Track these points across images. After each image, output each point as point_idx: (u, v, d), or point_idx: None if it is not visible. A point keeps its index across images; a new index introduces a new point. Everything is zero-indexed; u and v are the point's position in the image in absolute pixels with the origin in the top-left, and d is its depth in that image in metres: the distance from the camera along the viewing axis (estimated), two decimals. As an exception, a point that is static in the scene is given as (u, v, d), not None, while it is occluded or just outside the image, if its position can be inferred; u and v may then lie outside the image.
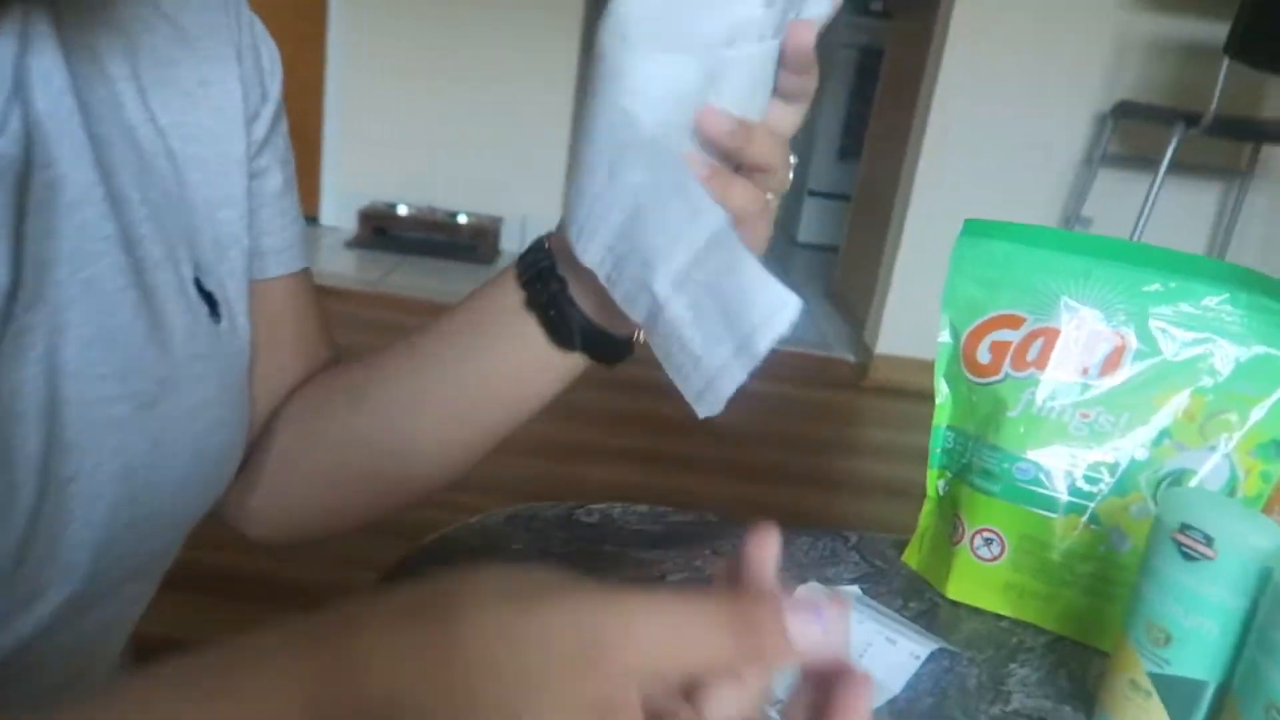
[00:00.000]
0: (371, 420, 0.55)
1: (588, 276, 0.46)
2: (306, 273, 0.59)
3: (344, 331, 0.63)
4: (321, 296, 0.60)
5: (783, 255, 4.70)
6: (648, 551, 0.64)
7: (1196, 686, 0.49)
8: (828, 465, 2.55)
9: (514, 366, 0.52)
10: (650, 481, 2.22)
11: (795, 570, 0.65)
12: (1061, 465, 0.63)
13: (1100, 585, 0.62)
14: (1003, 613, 0.65)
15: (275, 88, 0.55)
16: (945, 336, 0.68)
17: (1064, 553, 0.63)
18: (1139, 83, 2.91)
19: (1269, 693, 0.45)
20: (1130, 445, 0.62)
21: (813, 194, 4.82)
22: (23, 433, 0.40)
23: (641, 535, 0.67)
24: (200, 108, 0.50)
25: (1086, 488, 0.63)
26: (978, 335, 0.66)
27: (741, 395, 0.41)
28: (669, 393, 0.45)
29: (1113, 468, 0.62)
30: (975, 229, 0.67)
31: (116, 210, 0.43)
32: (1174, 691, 0.50)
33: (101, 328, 0.42)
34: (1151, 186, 2.64)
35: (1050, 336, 0.64)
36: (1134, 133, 2.88)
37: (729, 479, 2.33)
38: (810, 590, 0.60)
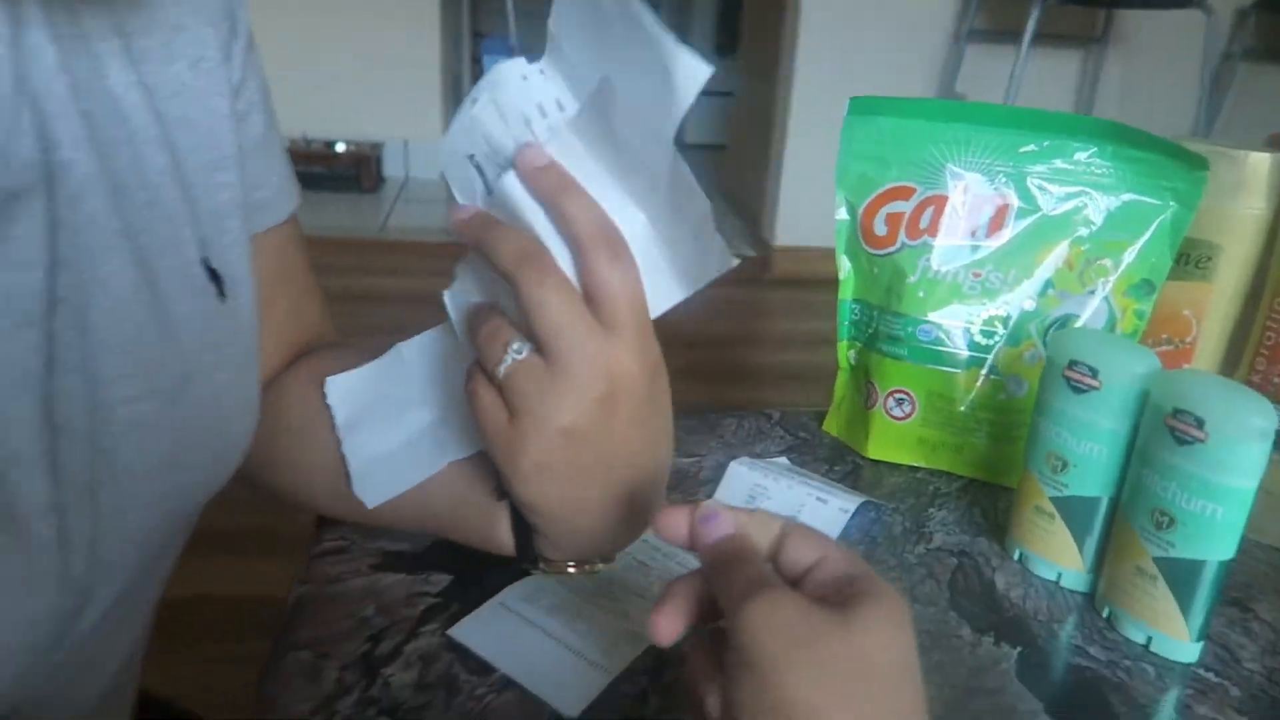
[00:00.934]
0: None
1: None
2: (293, 218, 0.57)
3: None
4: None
5: (670, 158, 4.70)
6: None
7: (1092, 504, 0.55)
8: (741, 359, 2.62)
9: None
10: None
11: (725, 449, 0.69)
12: (959, 324, 0.68)
13: (1003, 430, 0.68)
14: (919, 465, 0.70)
15: (244, 15, 0.50)
16: (843, 214, 0.71)
17: (969, 404, 0.68)
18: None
19: (1152, 500, 0.50)
20: (1019, 298, 0.67)
21: (694, 93, 4.81)
22: (69, 445, 0.39)
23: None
24: (178, 59, 0.46)
25: (984, 341, 0.68)
26: (873, 209, 0.70)
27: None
28: None
29: (1005, 320, 0.67)
30: (861, 107, 0.70)
31: (118, 200, 0.41)
32: (1073, 511, 0.56)
33: (119, 328, 0.41)
34: (1016, 58, 2.72)
35: (939, 204, 0.67)
36: (997, 7, 2.95)
37: (643, 383, 2.37)
38: (741, 463, 0.64)
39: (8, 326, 0.37)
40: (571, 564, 0.47)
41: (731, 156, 3.86)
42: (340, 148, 3.69)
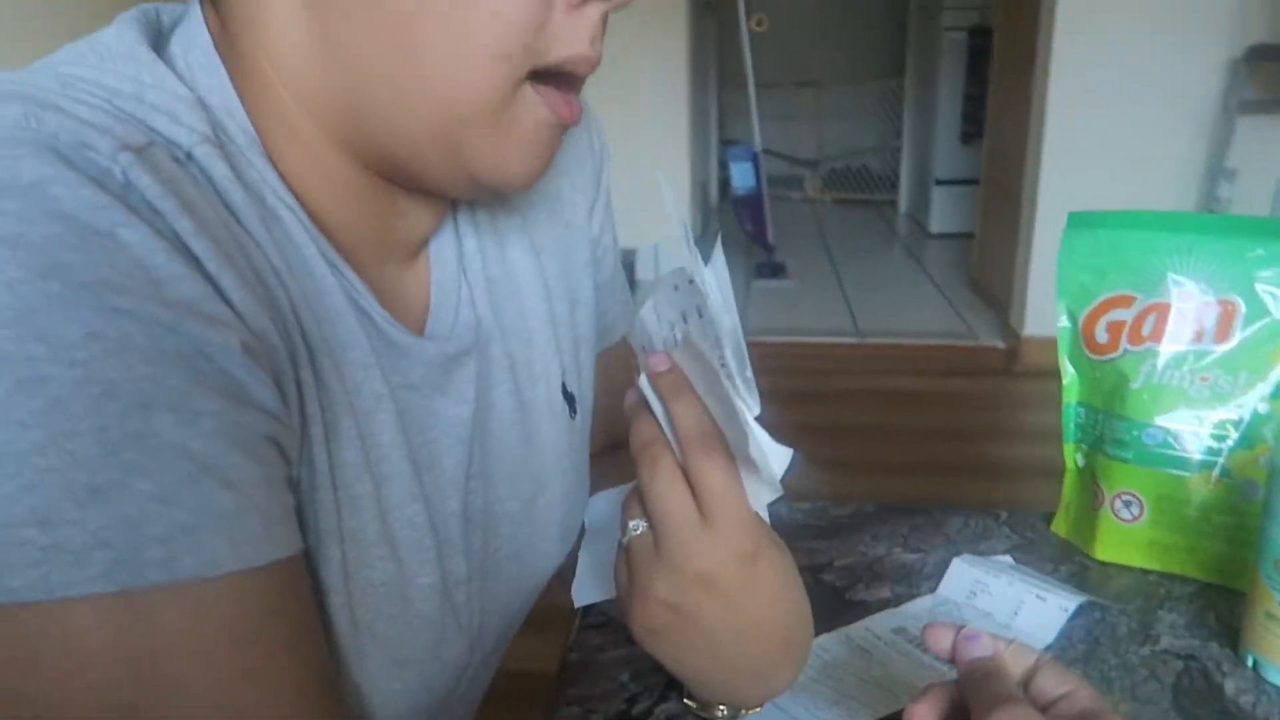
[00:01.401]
0: None
1: None
2: (622, 341, 0.70)
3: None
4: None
5: (918, 248, 4.68)
6: (814, 542, 0.74)
7: (1326, 611, 0.55)
8: (982, 453, 2.55)
9: None
10: (808, 486, 2.29)
11: (950, 546, 0.73)
12: (1188, 427, 0.69)
13: (1238, 533, 0.67)
14: (1149, 567, 0.71)
15: (605, 177, 0.66)
16: (1064, 321, 0.75)
17: (1200, 507, 0.69)
18: (1271, 23, 2.79)
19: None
20: (1251, 401, 0.67)
21: (940, 183, 4.78)
22: (473, 533, 0.52)
23: (807, 529, 0.76)
24: (558, 222, 0.60)
25: (1214, 445, 0.68)
26: (1094, 317, 0.73)
27: (899, 394, 0.50)
28: (827, 401, 0.54)
29: (1237, 424, 0.67)
30: (1079, 221, 0.74)
31: (507, 344, 0.55)
32: (1306, 618, 0.56)
33: (501, 441, 0.55)
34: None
35: (1162, 311, 0.69)
36: (1272, 75, 2.77)
37: (889, 476, 2.37)
38: (963, 560, 0.68)
39: (452, 443, 0.51)
40: (721, 708, 0.53)
41: (979, 245, 3.80)
42: (597, 254, 3.97)
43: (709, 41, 4.99)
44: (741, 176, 3.97)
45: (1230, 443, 0.68)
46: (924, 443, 2.57)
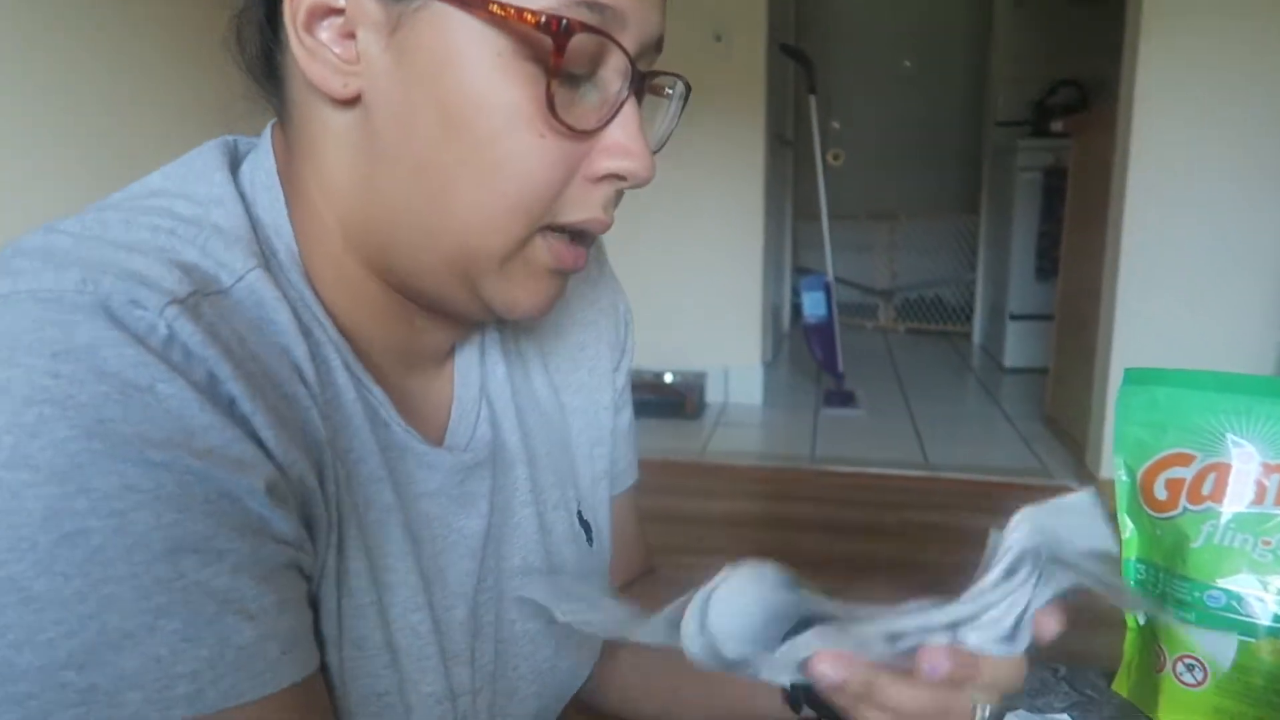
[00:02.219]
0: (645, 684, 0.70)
1: None
2: (634, 487, 0.75)
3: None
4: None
5: (991, 382, 4.63)
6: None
7: (1396, 797, 0.53)
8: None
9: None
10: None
11: (1005, 701, 0.71)
12: (1252, 591, 0.68)
13: (1309, 705, 0.65)
14: (1215, 736, 0.68)
15: (630, 340, 0.73)
16: (1122, 476, 0.75)
17: (1267, 675, 0.67)
18: (1351, 174, 2.78)
19: None
20: (1316, 568, 0.66)
21: (1014, 318, 4.76)
22: (481, 645, 0.55)
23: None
24: (580, 368, 0.67)
25: (1280, 611, 0.67)
26: (1152, 474, 0.73)
27: (972, 531, 0.51)
28: (895, 536, 0.55)
29: (1303, 590, 0.66)
30: (1136, 378, 0.75)
31: (532, 468, 0.60)
32: (1376, 803, 0.53)
33: (524, 561, 0.59)
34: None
35: (1221, 471, 0.69)
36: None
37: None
38: (1019, 717, 0.66)
39: (462, 555, 0.54)
40: None
41: (1054, 382, 3.75)
42: (669, 378, 4.03)
43: (786, 174, 5.13)
44: (813, 305, 4.02)
45: (1296, 610, 0.66)
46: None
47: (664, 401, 3.97)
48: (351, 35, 0.46)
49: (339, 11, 0.46)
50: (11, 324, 0.37)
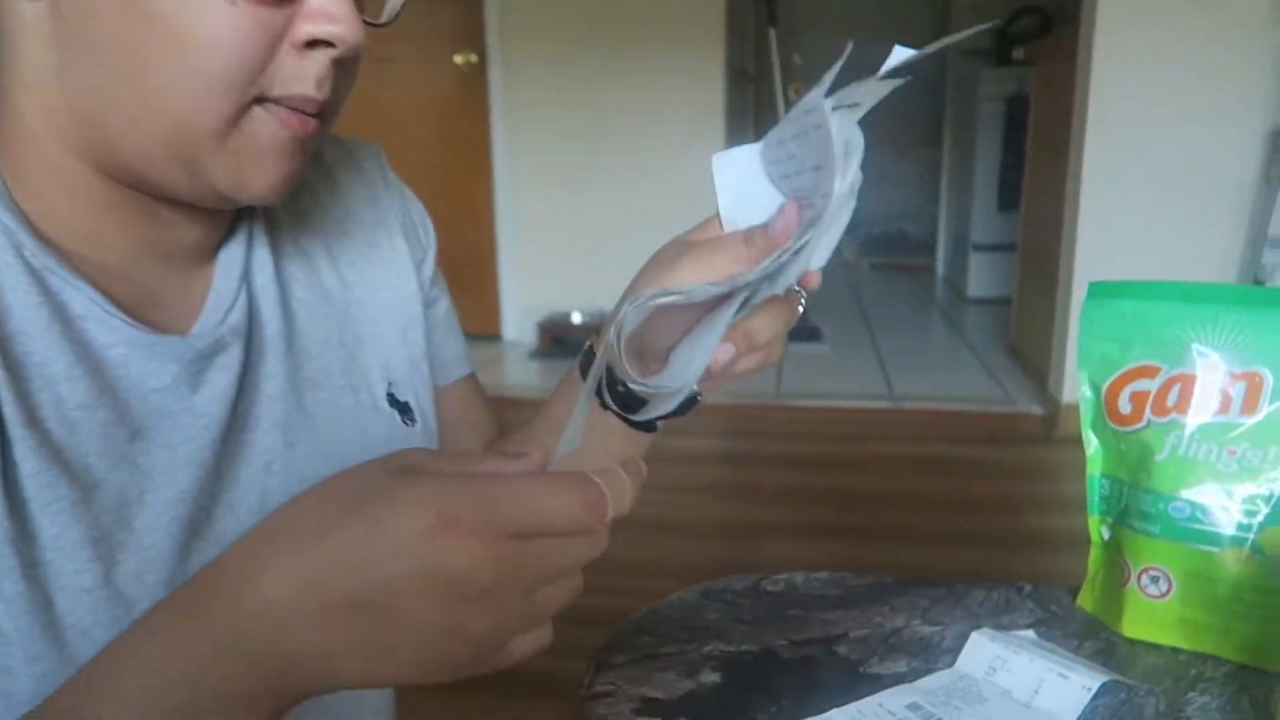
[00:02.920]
0: None
1: (635, 368, 0.57)
2: (473, 376, 0.78)
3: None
4: (510, 406, 0.80)
5: (955, 313, 4.65)
6: (829, 613, 0.72)
7: (1361, 698, 0.52)
8: (1018, 522, 2.50)
9: (602, 453, 0.61)
10: (835, 555, 2.25)
11: (970, 619, 0.71)
12: (1217, 501, 0.67)
13: (1273, 612, 0.65)
14: (1180, 646, 0.68)
15: (430, 238, 0.74)
16: (1086, 391, 0.73)
17: (1232, 585, 0.66)
18: (1309, 94, 2.78)
19: None
20: (1281, 476, 0.65)
21: (977, 248, 4.77)
22: (251, 523, 0.54)
23: (824, 599, 0.74)
24: (376, 263, 0.68)
25: (1245, 520, 0.66)
26: (1117, 388, 0.71)
27: (936, 461, 0.51)
28: (861, 467, 0.54)
29: (1268, 499, 0.65)
30: (1100, 291, 0.73)
31: (302, 355, 0.62)
32: (1340, 704, 0.53)
33: (315, 447, 0.60)
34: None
35: (1186, 382, 0.68)
36: (1312, 145, 2.75)
37: (920, 545, 2.33)
38: (983, 634, 0.66)
39: (200, 441, 0.54)
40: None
41: (1017, 311, 3.77)
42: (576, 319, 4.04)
43: (747, 110, 5.06)
44: (777, 241, 3.99)
45: (1261, 518, 0.66)
46: (957, 511, 2.53)
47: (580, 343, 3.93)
48: None
49: None
50: None
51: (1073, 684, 0.61)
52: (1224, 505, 0.67)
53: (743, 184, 0.54)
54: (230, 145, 0.49)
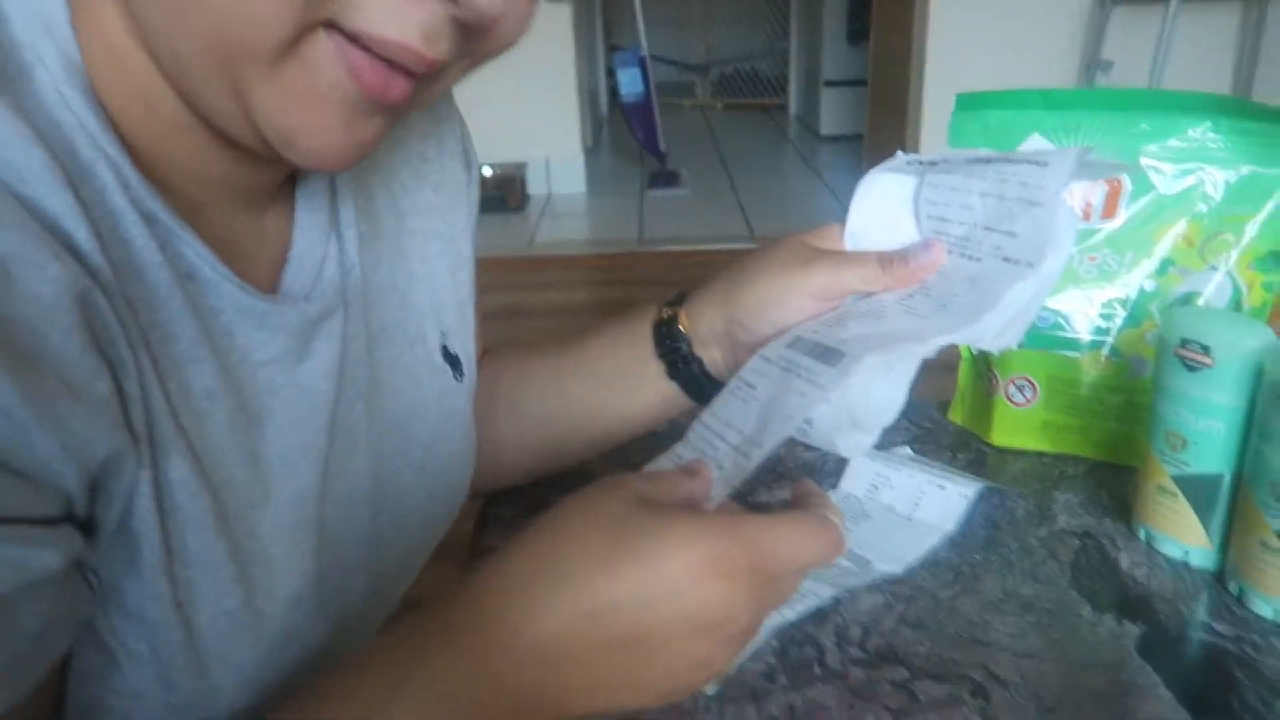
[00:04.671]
0: (521, 426, 0.64)
1: (719, 350, 0.56)
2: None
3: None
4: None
5: (809, 151, 4.68)
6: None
7: (1214, 480, 0.55)
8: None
9: (646, 411, 0.61)
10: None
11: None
12: (1077, 307, 0.68)
13: (1129, 411, 0.68)
14: (1044, 449, 0.71)
15: (474, 154, 0.62)
16: (955, 208, 0.73)
17: (1091, 386, 0.69)
18: (1141, -87, 2.83)
19: (1271, 473, 0.51)
20: (1137, 278, 0.67)
21: (829, 84, 4.77)
22: (358, 514, 0.48)
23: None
24: (425, 184, 0.56)
25: (1103, 324, 0.68)
26: (984, 202, 0.71)
27: None
28: None
29: (1124, 302, 0.67)
30: (966, 103, 0.72)
31: (383, 308, 0.52)
32: (1195, 488, 0.56)
33: (384, 414, 0.51)
34: (1165, 20, 2.59)
35: (1051, 191, 0.68)
36: (1144, -36, 2.81)
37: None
38: (862, 456, 0.66)
39: (312, 425, 0.45)
40: None
41: (869, 146, 3.82)
42: (487, 171, 3.86)
43: None
44: (630, 83, 3.89)
45: (1119, 321, 0.68)
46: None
47: (486, 196, 3.79)
48: None
49: None
50: None
51: (950, 494, 0.63)
52: (1084, 311, 0.68)
53: (881, 208, 0.54)
54: (282, 76, 0.35)
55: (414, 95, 0.38)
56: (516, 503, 0.66)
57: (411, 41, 0.35)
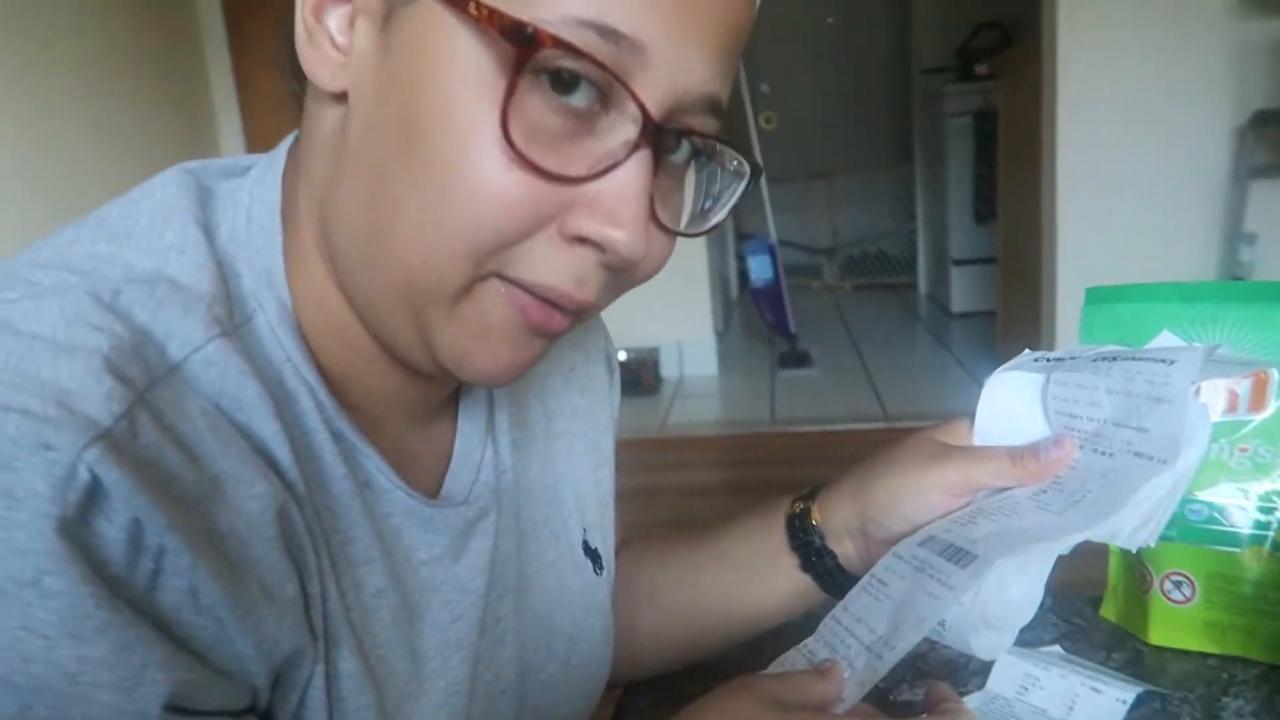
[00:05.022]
0: (659, 617, 0.67)
1: (852, 544, 0.59)
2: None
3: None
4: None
5: (940, 329, 4.67)
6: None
7: (1401, 691, 0.52)
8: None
9: (780, 603, 0.63)
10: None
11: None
12: (1232, 500, 0.66)
13: (1299, 610, 0.64)
14: (1208, 650, 0.67)
15: (615, 357, 0.69)
16: (1092, 399, 0.73)
17: (1255, 584, 0.66)
18: (1271, 89, 2.82)
19: None
20: (1295, 471, 0.65)
21: (957, 263, 4.80)
22: (504, 707, 0.51)
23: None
24: (572, 389, 0.62)
25: (1262, 518, 0.66)
26: (1122, 393, 0.71)
27: None
28: None
29: (1283, 495, 0.65)
30: (1098, 296, 0.73)
31: (531, 506, 0.56)
32: (1381, 699, 0.52)
33: (530, 609, 0.55)
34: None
35: (1192, 382, 0.68)
36: (1278, 140, 2.78)
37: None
38: (1011, 653, 0.65)
39: (467, 621, 0.49)
40: None
41: (1003, 323, 3.78)
42: (622, 356, 4.00)
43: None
44: (759, 269, 4.01)
45: (1279, 514, 0.65)
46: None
47: (622, 380, 3.93)
48: (352, 27, 0.41)
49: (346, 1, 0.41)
50: None
51: (1107, 698, 0.60)
52: (1240, 504, 0.66)
53: (1009, 403, 0.57)
54: (459, 314, 0.41)
55: (568, 328, 0.44)
56: (653, 693, 0.67)
57: (565, 286, 0.41)
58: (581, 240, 0.40)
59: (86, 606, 0.31)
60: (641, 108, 0.38)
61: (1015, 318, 3.53)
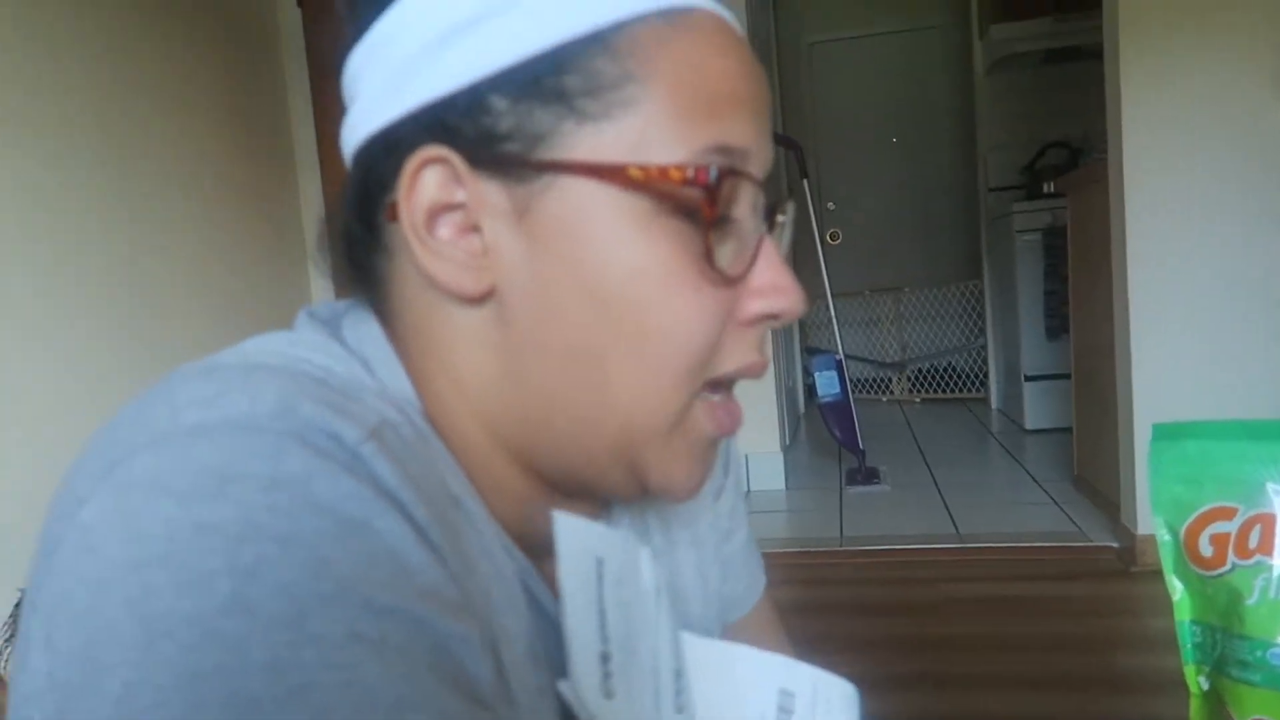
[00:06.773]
0: None
1: None
2: (767, 593, 0.76)
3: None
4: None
5: (1014, 445, 4.58)
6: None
7: None
8: (1107, 662, 2.38)
9: None
10: (910, 707, 2.15)
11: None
12: (1316, 645, 0.65)
13: (1395, 764, 0.62)
14: (1299, 804, 0.64)
15: (735, 468, 0.72)
16: (1164, 535, 0.72)
17: (1345, 734, 0.63)
18: (1351, 206, 2.78)
19: None
20: (1380, 616, 0.63)
21: (1030, 379, 4.73)
22: None
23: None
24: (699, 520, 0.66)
25: (1349, 665, 0.64)
26: (1195, 530, 0.70)
27: (1011, 601, 0.52)
28: (932, 612, 0.54)
29: (1369, 641, 0.63)
30: (1165, 432, 0.73)
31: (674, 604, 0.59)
32: None
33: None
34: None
35: (1266, 522, 0.67)
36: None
37: (1004, 691, 2.22)
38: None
39: None
40: None
41: (1079, 441, 3.70)
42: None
43: (787, 258, 5.17)
44: (826, 384, 4.01)
45: (1365, 662, 0.63)
46: (1040, 654, 2.42)
47: (686, 494, 3.92)
48: (473, 228, 0.44)
49: (458, 206, 0.44)
50: (212, 455, 0.33)
51: None
52: (1324, 649, 0.64)
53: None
54: (673, 441, 0.46)
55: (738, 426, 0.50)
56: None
57: (756, 359, 0.48)
58: (757, 319, 0.47)
59: (409, 545, 0.35)
60: (766, 199, 0.47)
61: (1092, 435, 3.45)
